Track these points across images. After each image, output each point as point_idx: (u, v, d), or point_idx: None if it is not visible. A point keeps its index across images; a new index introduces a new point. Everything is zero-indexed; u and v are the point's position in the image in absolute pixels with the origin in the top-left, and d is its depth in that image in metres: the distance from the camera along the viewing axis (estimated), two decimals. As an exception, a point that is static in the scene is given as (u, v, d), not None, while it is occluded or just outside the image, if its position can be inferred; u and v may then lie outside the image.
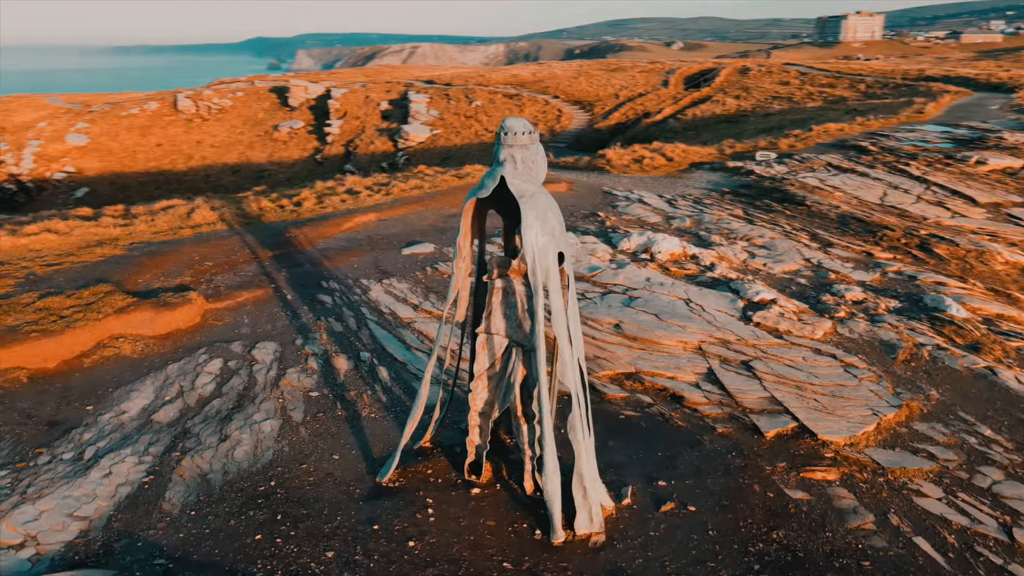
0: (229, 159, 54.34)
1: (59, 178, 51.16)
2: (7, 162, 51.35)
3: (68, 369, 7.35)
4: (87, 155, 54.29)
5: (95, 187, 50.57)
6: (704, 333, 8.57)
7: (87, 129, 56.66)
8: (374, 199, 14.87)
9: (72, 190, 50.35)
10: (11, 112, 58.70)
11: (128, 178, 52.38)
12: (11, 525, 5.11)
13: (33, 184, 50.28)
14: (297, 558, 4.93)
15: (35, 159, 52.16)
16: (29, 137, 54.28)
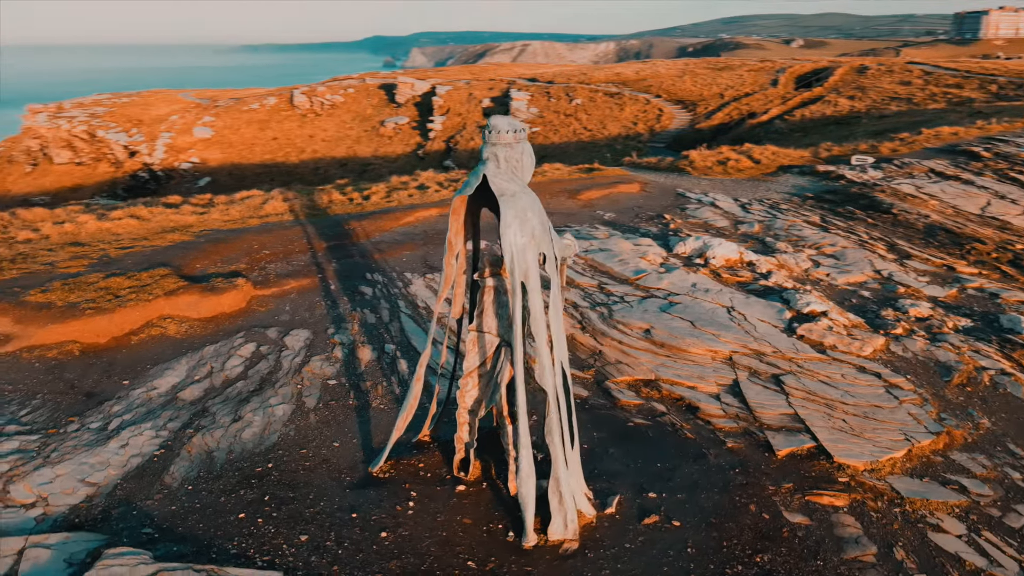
0: (338, 153, 56.55)
1: (185, 168, 54.78)
2: (142, 152, 55.44)
3: (116, 345, 7.91)
4: (211, 147, 57.84)
5: (216, 177, 53.81)
6: (738, 343, 8.24)
7: (212, 123, 60.35)
8: (441, 195, 15.12)
9: (196, 179, 53.82)
10: (149, 106, 63.31)
11: (245, 169, 55.42)
12: (28, 486, 5.57)
13: (163, 173, 54.06)
14: (272, 539, 5.12)
15: (166, 150, 56.07)
16: (162, 129, 58.39)
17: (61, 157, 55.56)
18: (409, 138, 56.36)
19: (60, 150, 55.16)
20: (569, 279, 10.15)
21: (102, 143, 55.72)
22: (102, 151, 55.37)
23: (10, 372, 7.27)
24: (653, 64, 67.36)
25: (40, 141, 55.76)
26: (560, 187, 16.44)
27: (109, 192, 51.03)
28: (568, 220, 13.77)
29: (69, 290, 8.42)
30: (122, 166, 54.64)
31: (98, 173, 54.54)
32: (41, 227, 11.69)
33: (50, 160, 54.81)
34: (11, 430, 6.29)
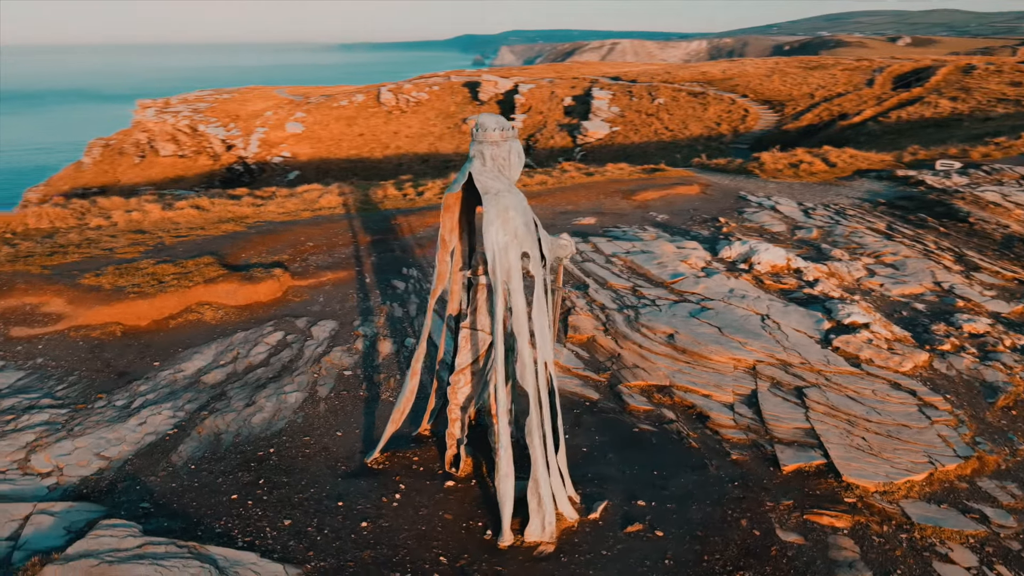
0: (420, 149, 57.58)
1: (277, 162, 56.99)
2: (237, 146, 58.04)
3: (156, 328, 8.35)
4: (301, 142, 59.95)
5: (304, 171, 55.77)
6: (765, 352, 7.96)
7: (303, 119, 62.51)
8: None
9: (286, 172, 55.93)
10: (246, 102, 66.17)
11: (331, 164, 57.20)
12: (48, 456, 5.96)
13: (256, 166, 56.43)
14: (257, 521, 5.30)
15: (259, 144, 58.48)
16: (257, 125, 60.93)
17: (166, 150, 58.66)
18: (490, 136, 56.67)
19: (165, 143, 58.29)
20: (600, 279, 10.04)
21: (203, 137, 58.59)
22: (202, 145, 58.25)
23: (56, 349, 7.78)
24: (741, 63, 65.43)
25: (148, 135, 59.08)
26: (616, 187, 16.25)
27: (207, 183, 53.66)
28: (618, 221, 13.60)
29: (119, 275, 8.94)
30: (219, 159, 57.34)
31: (198, 165, 57.42)
32: (113, 215, 12.45)
33: (156, 152, 58.01)
34: (45, 403, 6.74)
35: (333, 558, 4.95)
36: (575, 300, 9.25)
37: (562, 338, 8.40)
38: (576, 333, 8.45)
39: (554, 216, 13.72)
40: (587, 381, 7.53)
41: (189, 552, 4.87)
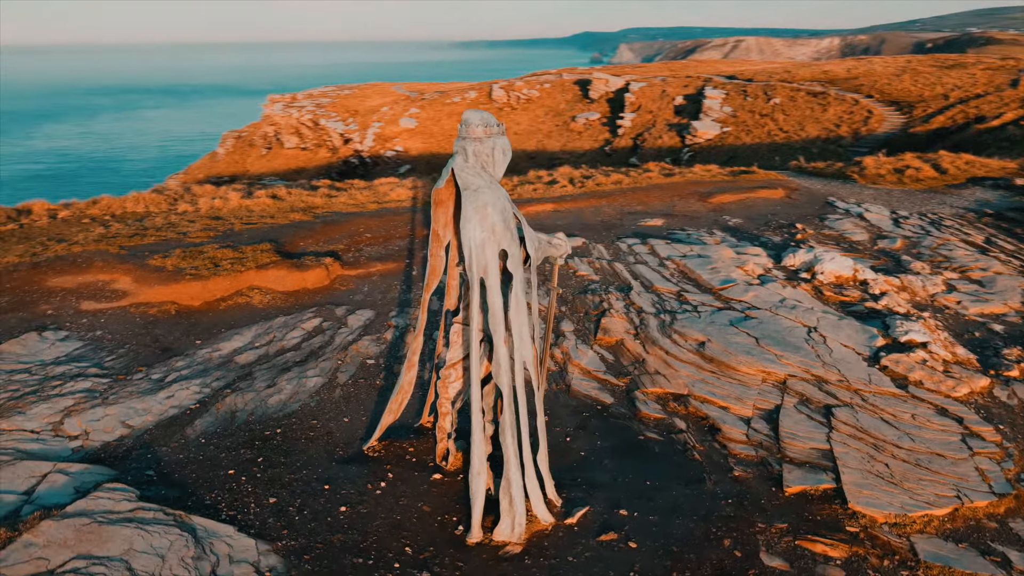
0: (528, 146, 57.93)
1: (389, 156, 58.95)
2: (354, 140, 60.49)
3: (206, 309, 8.87)
4: (414, 137, 61.71)
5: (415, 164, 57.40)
6: (801, 367, 7.54)
7: (417, 114, 64.29)
8: (567, 190, 15.13)
9: (398, 166, 57.76)
10: (365, 98, 68.81)
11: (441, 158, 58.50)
12: (80, 420, 6.47)
13: (371, 159, 58.61)
14: (245, 497, 5.55)
15: (375, 138, 60.69)
16: (373, 119, 63.24)
17: (290, 142, 61.82)
18: (598, 134, 56.40)
19: (290, 136, 61.47)
20: (647, 282, 9.80)
21: (323, 131, 61.43)
22: (323, 138, 61.06)
23: (114, 323, 8.42)
24: (868, 61, 61.66)
25: (275, 128, 62.50)
26: (694, 189, 15.78)
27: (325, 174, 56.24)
28: (687, 223, 13.21)
29: (182, 257, 9.55)
30: (337, 152, 59.94)
31: (318, 158, 60.25)
32: (199, 201, 13.32)
33: (281, 145, 61.32)
34: (91, 372, 7.32)
35: (304, 538, 5.12)
36: (613, 302, 9.08)
37: (590, 339, 8.28)
38: (606, 335, 8.30)
39: (621, 216, 13.50)
40: (605, 385, 7.40)
41: (174, 520, 5.17)
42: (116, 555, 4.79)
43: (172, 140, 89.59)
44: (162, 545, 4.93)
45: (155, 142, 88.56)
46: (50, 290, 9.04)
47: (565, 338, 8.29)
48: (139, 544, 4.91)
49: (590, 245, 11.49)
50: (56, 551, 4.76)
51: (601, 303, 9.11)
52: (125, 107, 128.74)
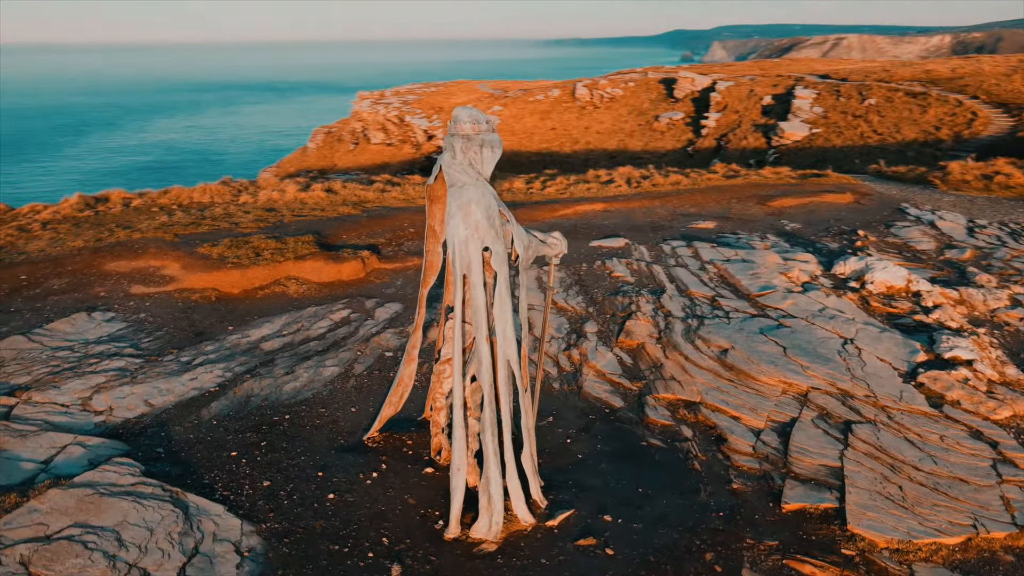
0: (609, 145, 57.46)
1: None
2: (437, 136, 61.47)
3: (244, 296, 9.22)
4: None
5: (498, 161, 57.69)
6: (827, 379, 7.20)
7: (499, 112, 64.69)
8: (621, 190, 14.94)
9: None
10: (450, 95, 69.83)
11: (521, 156, 58.76)
12: (107, 397, 6.85)
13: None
14: (241, 479, 5.75)
15: (450, 135, 61.43)
16: (456, 116, 64.00)
17: (376, 138, 63.38)
18: (681, 134, 55.36)
19: (376, 132, 63.05)
20: (683, 285, 9.56)
21: (408, 127, 62.70)
22: (407, 134, 62.35)
23: (157, 307, 8.87)
24: (977, 60, 57.90)
25: (363, 124, 64.24)
26: (754, 192, 15.28)
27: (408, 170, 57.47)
28: (740, 227, 12.81)
29: (229, 246, 9.96)
30: (420, 148, 61.05)
31: (402, 153, 61.57)
32: (259, 193, 13.85)
33: (368, 140, 62.97)
34: (127, 352, 7.74)
35: (288, 522, 5.26)
36: (642, 305, 8.91)
37: (612, 342, 8.15)
38: (628, 338, 8.16)
39: (673, 218, 13.22)
40: (618, 388, 7.28)
41: (170, 497, 5.41)
42: (109, 525, 5.05)
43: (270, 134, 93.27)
44: (154, 519, 5.17)
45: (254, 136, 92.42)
46: (106, 273, 9.60)
47: (586, 339, 8.20)
48: (133, 517, 5.16)
49: (632, 246, 11.30)
50: (56, 518, 5.06)
51: (630, 305, 8.96)
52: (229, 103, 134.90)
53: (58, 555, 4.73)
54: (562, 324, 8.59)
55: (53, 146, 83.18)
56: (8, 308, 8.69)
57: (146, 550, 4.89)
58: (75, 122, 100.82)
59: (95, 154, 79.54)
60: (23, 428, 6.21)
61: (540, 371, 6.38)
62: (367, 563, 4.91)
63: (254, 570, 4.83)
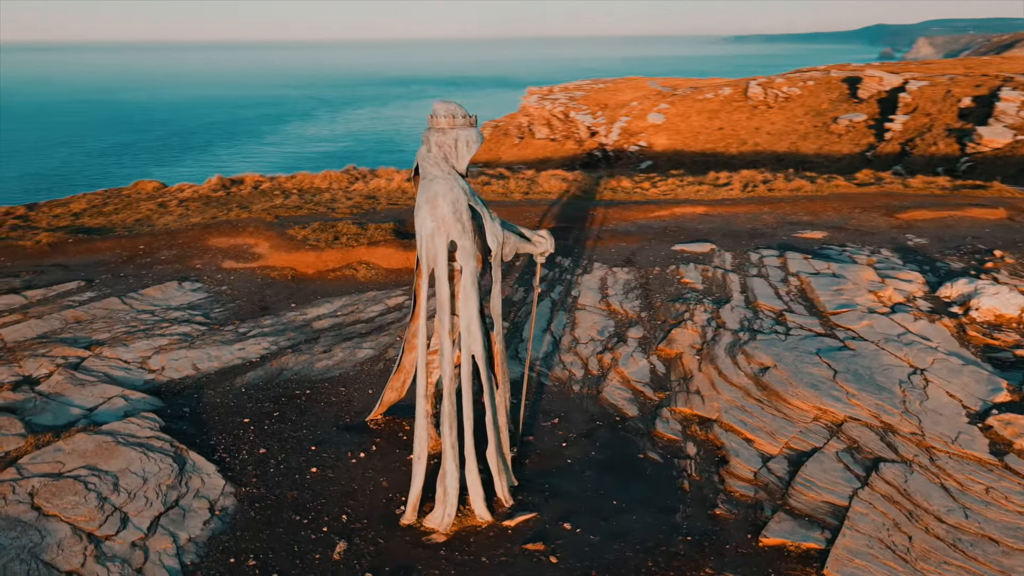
0: (779, 147, 54.57)
1: (632, 151, 58.98)
2: (599, 133, 61.41)
3: (317, 277, 9.80)
4: (659, 132, 61.02)
5: (657, 161, 56.77)
6: (872, 411, 6.51)
7: (666, 110, 63.41)
8: (732, 194, 14.21)
9: (640, 161, 57.60)
10: (617, 92, 69.39)
11: (684, 156, 57.26)
12: (164, 358, 7.58)
13: (613, 153, 59.15)
14: (242, 444, 6.17)
15: (620, 132, 61.04)
16: (622, 114, 63.59)
17: (541, 133, 64.34)
18: (861, 137, 51.43)
19: (541, 127, 64.02)
20: (753, 297, 8.97)
21: (572, 123, 63.09)
22: (571, 130, 62.74)
23: (239, 281, 9.64)
24: None
25: (529, 119, 65.47)
26: (884, 201, 13.94)
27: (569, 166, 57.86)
28: (851, 239, 11.76)
29: (314, 230, 10.63)
30: (583, 144, 61.23)
31: (565, 149, 62.07)
32: (371, 182, 14.57)
33: (532, 135, 64.09)
34: (197, 320, 8.50)
35: (266, 489, 5.60)
36: (697, 313, 8.48)
37: (651, 349, 7.84)
38: (668, 347, 7.81)
39: (778, 225, 12.38)
40: (638, 397, 7.01)
41: (174, 452, 5.94)
42: (113, 471, 5.63)
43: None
44: (152, 470, 5.69)
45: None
46: (207, 248, 10.58)
47: (625, 344, 7.95)
48: (135, 466, 5.71)
49: (717, 252, 10.75)
50: (73, 459, 5.71)
51: (684, 313, 8.55)
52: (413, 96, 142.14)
53: (60, 491, 5.34)
54: (607, 327, 8.37)
55: (258, 133, 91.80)
56: (120, 273, 9.82)
57: (134, 496, 5.40)
58: (279, 112, 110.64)
59: (292, 141, 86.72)
60: (84, 378, 7.03)
61: (527, 371, 6.31)
62: (318, 536, 5.11)
63: (217, 528, 5.19)
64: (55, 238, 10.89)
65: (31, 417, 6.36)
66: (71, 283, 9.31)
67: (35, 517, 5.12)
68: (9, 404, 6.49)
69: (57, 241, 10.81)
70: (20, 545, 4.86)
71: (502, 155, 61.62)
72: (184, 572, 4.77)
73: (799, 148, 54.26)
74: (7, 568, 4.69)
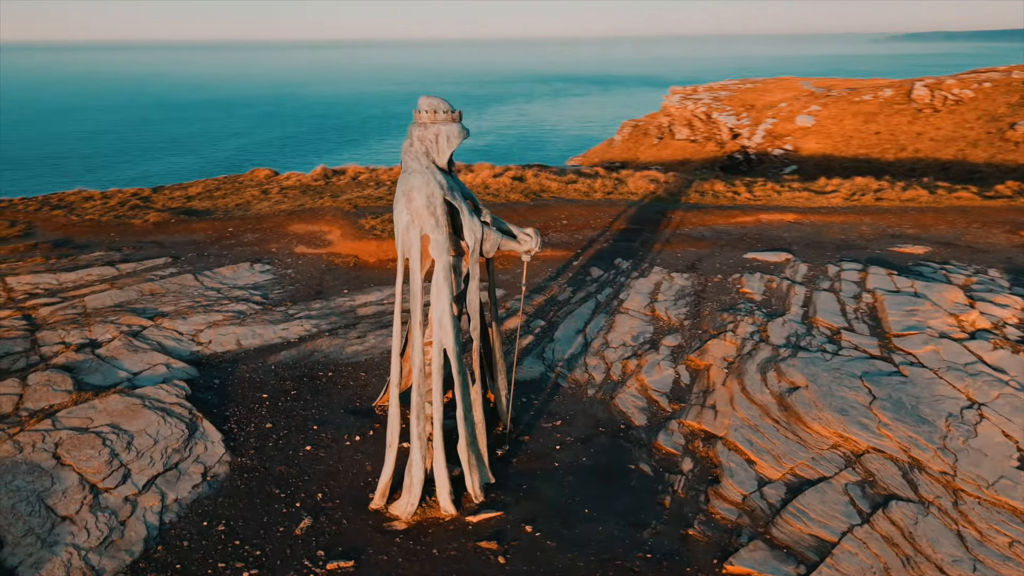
0: (944, 155, 50.26)
1: (777, 154, 56.34)
2: (742, 135, 59.13)
3: (377, 266, 10.14)
4: (807, 136, 57.89)
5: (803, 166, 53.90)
6: (902, 444, 5.92)
7: (817, 112, 60.02)
8: (832, 202, 13.26)
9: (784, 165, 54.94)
10: (765, 92, 66.46)
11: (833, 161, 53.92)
12: (214, 333, 8.14)
13: (756, 156, 56.79)
14: (252, 417, 6.52)
15: (764, 135, 58.47)
16: (768, 115, 60.86)
17: (681, 134, 62.99)
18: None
19: (681, 128, 62.63)
20: (812, 312, 8.36)
21: (714, 124, 61.16)
22: (712, 131, 60.87)
23: (305, 265, 10.16)
24: None
25: (669, 119, 64.23)
26: (1009, 217, 12.49)
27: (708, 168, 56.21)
28: (958, 255, 10.65)
29: (383, 220, 10.99)
30: (724, 147, 59.21)
31: (705, 151, 60.30)
32: (461, 176, 14.84)
33: (672, 135, 62.84)
34: (255, 299, 9.06)
35: (258, 461, 5.91)
36: (743, 325, 8.03)
37: (681, 358, 7.52)
38: (700, 358, 7.47)
39: (875, 238, 11.43)
40: (651, 407, 6.76)
41: (189, 419, 6.39)
42: (131, 430, 6.14)
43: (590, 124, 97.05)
44: (164, 433, 6.15)
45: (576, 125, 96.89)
46: (286, 233, 11.22)
47: (656, 351, 7.67)
48: (151, 428, 6.20)
49: (792, 263, 10.09)
50: (101, 416, 6.27)
51: (729, 323, 8.12)
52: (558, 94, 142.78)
53: (81, 444, 5.89)
54: (644, 333, 8.11)
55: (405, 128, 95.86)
56: (204, 252, 10.63)
57: (141, 455, 5.86)
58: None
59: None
60: (139, 345, 7.69)
61: (513, 371, 6.25)
62: (289, 511, 5.34)
63: (204, 493, 5.54)
64: (161, 218, 11.95)
65: (83, 376, 7.04)
66: (160, 259, 10.19)
67: (53, 465, 5.68)
68: (69, 363, 7.22)
69: (161, 221, 11.86)
70: (32, 488, 5.41)
71: (640, 155, 60.68)
72: (160, 529, 5.13)
73: (967, 156, 49.74)
74: (15, 507, 5.24)
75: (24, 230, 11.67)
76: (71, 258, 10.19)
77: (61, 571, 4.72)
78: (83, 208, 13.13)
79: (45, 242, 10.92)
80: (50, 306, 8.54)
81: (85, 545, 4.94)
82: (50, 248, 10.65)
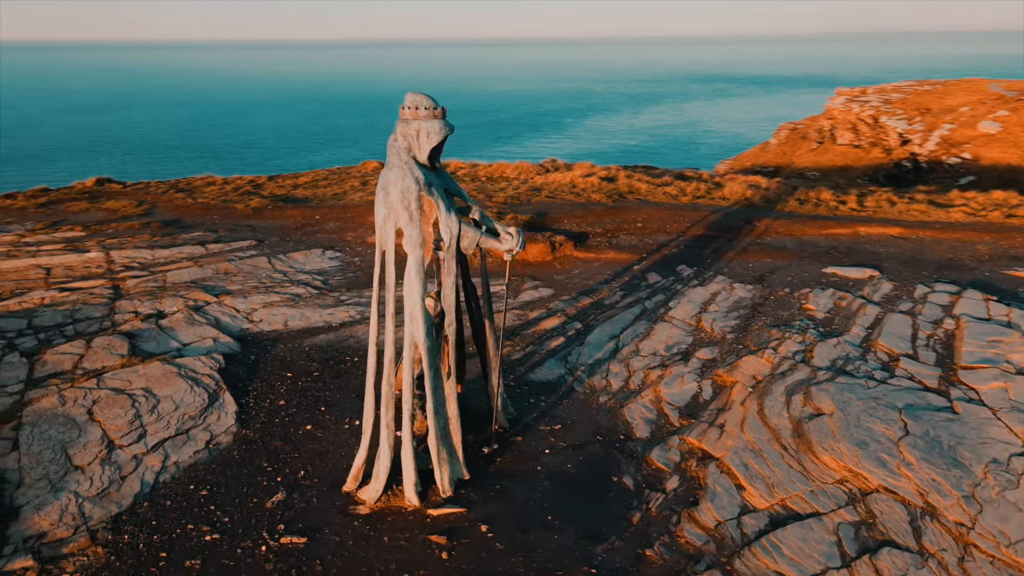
0: None
1: (952, 163, 51.73)
2: (913, 141, 54.77)
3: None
4: (990, 144, 52.63)
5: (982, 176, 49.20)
6: (920, 487, 5.31)
7: (1004, 118, 54.44)
8: (951, 217, 12.00)
9: (959, 176, 50.36)
10: (946, 95, 61.13)
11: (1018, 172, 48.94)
12: (267, 313, 8.65)
13: (926, 165, 52.45)
14: (272, 393, 6.89)
15: (938, 142, 53.79)
16: (945, 120, 55.98)
17: (843, 138, 59.36)
18: None
19: (844, 132, 58.99)
20: (873, 336, 7.64)
21: (881, 129, 57.06)
22: (879, 136, 56.81)
23: (373, 255, 10.54)
24: None
25: (832, 122, 60.68)
26: None
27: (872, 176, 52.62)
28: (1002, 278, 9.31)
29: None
30: (891, 154, 55.05)
31: (868, 157, 56.38)
32: (549, 175, 14.78)
33: (833, 140, 59.30)
34: (316, 284, 9.53)
35: (258, 435, 6.25)
36: (786, 343, 7.48)
37: (709, 373, 7.14)
38: (729, 374, 7.05)
39: (989, 258, 10.19)
40: (660, 420, 6.47)
41: (215, 390, 6.87)
42: (160, 394, 6.68)
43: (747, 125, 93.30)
44: (187, 401, 6.65)
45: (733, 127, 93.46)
46: (364, 223, 11.71)
47: (684, 364, 7.32)
48: (178, 395, 6.72)
49: (875, 281, 9.25)
50: (138, 379, 6.88)
51: (773, 340, 7.60)
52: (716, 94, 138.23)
53: (111, 403, 6.49)
54: (680, 343, 7.76)
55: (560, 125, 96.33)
56: (287, 237, 11.31)
57: (160, 418, 6.37)
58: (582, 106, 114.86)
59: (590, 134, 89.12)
60: (198, 319, 8.33)
61: (498, 371, 6.18)
62: (269, 484, 5.61)
63: (203, 458, 5.94)
64: (261, 203, 12.83)
65: (140, 343, 7.73)
66: (245, 242, 10.96)
67: (85, 420, 6.30)
68: (132, 331, 7.95)
69: (260, 206, 12.73)
70: (60, 438, 6.03)
71: (796, 160, 57.62)
72: (153, 487, 5.55)
73: None
74: (41, 453, 5.86)
75: (147, 210, 12.94)
76: (172, 236, 11.18)
77: (56, 514, 5.23)
78: (203, 192, 14.36)
79: (158, 221, 12.05)
80: (137, 279, 9.43)
81: (84, 493, 5.44)
82: (160, 227, 11.73)
